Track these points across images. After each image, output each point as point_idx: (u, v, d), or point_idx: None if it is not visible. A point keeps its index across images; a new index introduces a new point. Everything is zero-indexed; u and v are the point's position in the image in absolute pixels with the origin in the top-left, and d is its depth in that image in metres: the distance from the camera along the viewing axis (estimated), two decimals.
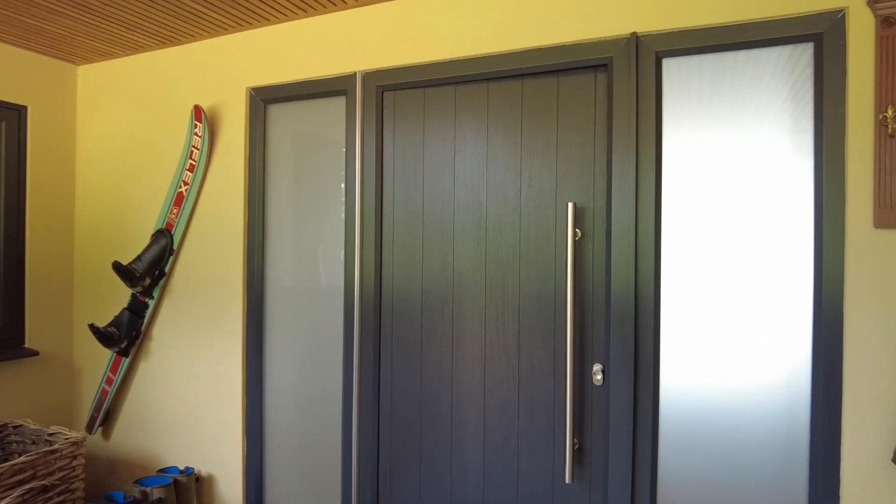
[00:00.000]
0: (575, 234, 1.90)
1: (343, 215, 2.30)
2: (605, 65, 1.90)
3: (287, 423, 2.43)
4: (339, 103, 2.31)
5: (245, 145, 2.46)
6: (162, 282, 2.59)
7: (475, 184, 2.09)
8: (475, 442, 2.10)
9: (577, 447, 1.95)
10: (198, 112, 2.45)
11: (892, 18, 1.53)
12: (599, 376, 1.90)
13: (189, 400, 2.60)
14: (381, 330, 2.25)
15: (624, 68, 1.83)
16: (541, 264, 2.00)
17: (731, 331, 1.75)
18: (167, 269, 2.57)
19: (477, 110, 2.09)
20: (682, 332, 1.81)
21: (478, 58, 2.04)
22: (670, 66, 1.81)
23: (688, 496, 1.80)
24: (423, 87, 2.17)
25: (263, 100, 2.44)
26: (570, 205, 1.88)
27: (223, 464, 2.52)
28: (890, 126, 1.52)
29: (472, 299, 2.10)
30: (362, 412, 2.24)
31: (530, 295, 2.02)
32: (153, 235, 2.57)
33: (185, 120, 2.57)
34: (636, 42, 1.81)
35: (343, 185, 2.30)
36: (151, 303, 2.61)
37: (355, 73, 2.23)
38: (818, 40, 1.63)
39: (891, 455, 1.55)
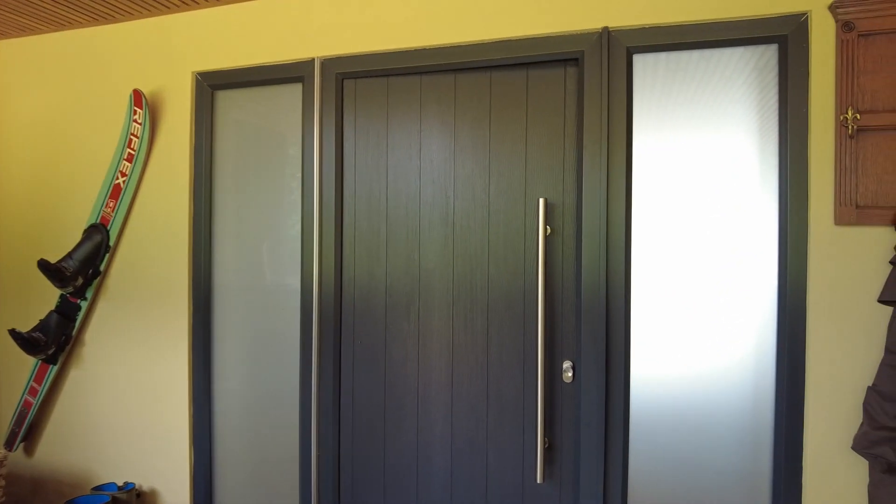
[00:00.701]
0: (545, 231, 1.87)
1: (300, 210, 2.17)
2: (576, 59, 1.88)
3: (239, 431, 2.29)
4: (296, 91, 2.17)
5: (190, 134, 2.28)
6: (96, 282, 2.36)
7: (442, 178, 2.03)
8: (442, 444, 2.04)
9: (547, 446, 1.93)
10: (137, 97, 2.25)
11: (851, 24, 1.58)
12: (570, 373, 1.88)
13: (128, 409, 2.39)
14: (341, 330, 2.14)
15: (595, 63, 1.82)
16: (510, 261, 1.96)
17: (698, 325, 1.78)
18: (102, 267, 2.35)
19: (444, 102, 2.03)
20: (651, 328, 1.82)
21: (445, 47, 1.97)
22: (641, 63, 1.81)
23: (658, 488, 1.82)
24: (387, 75, 2.08)
25: (211, 86, 2.27)
26: (542, 200, 1.85)
27: (168, 476, 2.34)
28: (850, 127, 1.57)
29: (439, 297, 2.04)
30: (322, 417, 2.13)
31: (499, 292, 1.97)
32: (86, 231, 2.34)
33: (123, 106, 2.35)
34: (608, 37, 1.80)
35: (299, 179, 2.18)
36: (84, 305, 2.38)
37: (313, 60, 2.11)
38: (783, 42, 1.67)
39: (850, 443, 1.61)
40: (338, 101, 2.11)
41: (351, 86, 2.12)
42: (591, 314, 1.83)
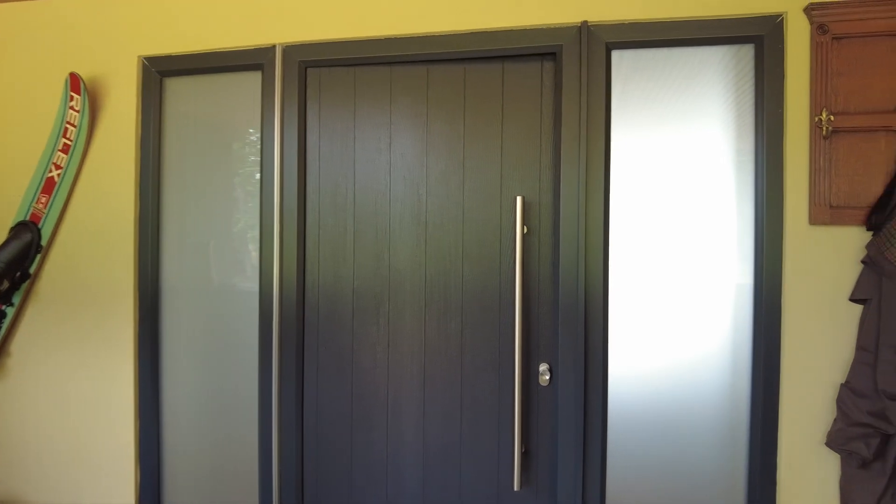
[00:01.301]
0: (523, 230, 1.81)
1: (258, 207, 2.02)
2: (553, 53, 1.83)
3: (191, 447, 2.11)
4: (255, 80, 2.02)
5: (136, 124, 2.08)
6: (25, 285, 2.12)
7: (414, 174, 1.93)
8: (413, 453, 1.94)
9: (523, 452, 1.87)
10: (75, 82, 2.03)
11: (825, 26, 1.60)
12: (547, 376, 1.83)
13: (64, 426, 2.16)
14: (304, 336, 2.01)
15: (573, 58, 1.77)
16: (485, 261, 1.89)
17: (674, 323, 1.76)
18: (32, 269, 2.12)
19: (415, 94, 1.93)
20: (626, 327, 1.79)
21: (416, 37, 1.88)
22: (619, 59, 1.78)
23: (636, 490, 1.79)
24: (354, 65, 1.96)
25: (160, 72, 2.08)
26: (519, 199, 1.79)
27: (111, 499, 2.13)
28: (824, 128, 1.59)
29: (410, 299, 1.94)
30: (283, 430, 1.99)
31: (474, 293, 1.90)
32: (13, 229, 2.10)
33: (58, 91, 2.12)
34: (587, 31, 1.76)
35: (258, 173, 2.03)
36: (10, 311, 2.13)
37: (274, 46, 1.97)
38: (759, 42, 1.67)
39: (824, 439, 1.63)
40: (301, 91, 1.97)
41: (315, 75, 1.99)
42: (568, 315, 1.78)
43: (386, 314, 1.96)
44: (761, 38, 1.67)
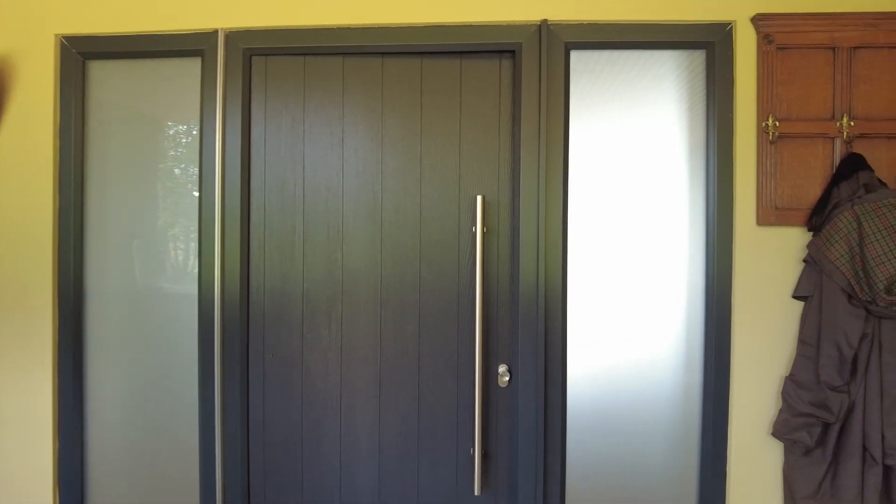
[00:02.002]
0: (483, 229, 1.78)
1: (197, 204, 1.87)
2: (512, 51, 1.80)
3: (121, 468, 1.92)
4: (194, 67, 1.87)
5: (55, 111, 1.86)
6: None
7: (369, 171, 1.85)
8: (368, 461, 1.87)
9: (482, 455, 1.84)
10: None
11: (771, 36, 1.68)
12: (507, 378, 1.81)
13: None
14: (249, 343, 1.88)
15: (533, 57, 1.76)
16: (444, 261, 1.84)
17: (629, 322, 1.79)
18: None
19: (370, 87, 1.85)
20: (582, 326, 1.81)
21: (371, 28, 1.80)
22: (577, 59, 1.79)
23: (595, 487, 1.81)
24: (304, 54, 1.86)
25: (82, 54, 1.88)
26: (479, 198, 1.75)
27: None
28: (771, 133, 1.67)
29: (365, 302, 1.86)
30: (228, 444, 1.85)
31: (432, 294, 1.85)
32: None
33: None
34: (547, 30, 1.75)
35: (197, 168, 1.88)
36: None
37: (216, 31, 1.82)
38: (711, 49, 1.73)
39: (769, 429, 1.71)
40: (245, 80, 1.84)
41: (261, 64, 1.87)
42: (528, 315, 1.77)
43: (338, 317, 1.87)
44: (713, 44, 1.72)
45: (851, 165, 1.60)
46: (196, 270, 1.88)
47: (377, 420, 1.86)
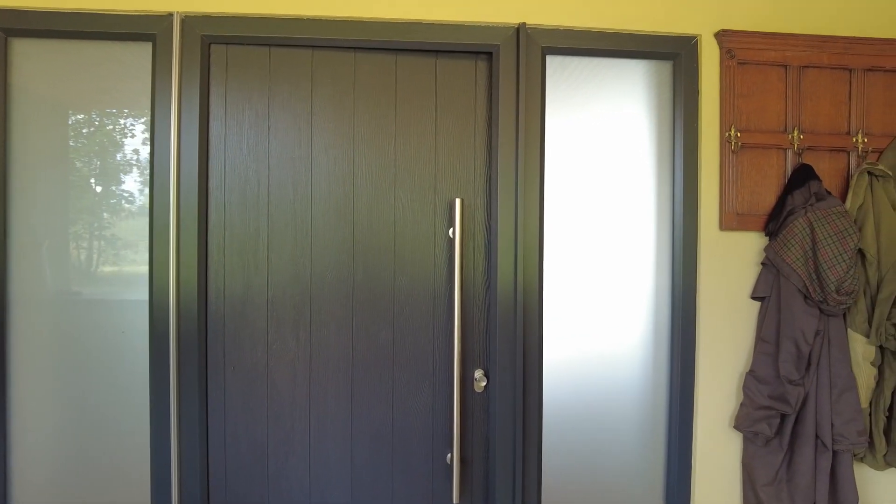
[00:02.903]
0: (462, 233, 1.75)
1: (147, 204, 1.69)
2: (488, 53, 1.78)
3: (54, 501, 1.70)
4: (143, 52, 1.68)
5: None
6: None
7: (341, 171, 1.76)
8: (340, 477, 1.77)
9: (451, 462, 1.80)
10: None
11: (733, 51, 1.78)
12: (483, 383, 1.79)
13: None
14: (208, 356, 1.73)
15: (510, 60, 1.75)
16: (419, 265, 1.79)
17: (600, 322, 1.83)
18: None
19: (341, 83, 1.76)
20: (555, 327, 1.83)
21: (343, 21, 1.71)
22: (552, 64, 1.80)
23: (568, 486, 1.84)
24: (270, 45, 1.73)
25: (4, 29, 1.63)
26: (458, 201, 1.72)
27: None
28: (734, 143, 1.77)
29: (336, 309, 1.76)
30: (185, 470, 1.69)
31: (407, 300, 1.79)
32: None
33: None
34: (525, 34, 1.74)
35: (148, 163, 1.70)
36: None
37: (171, 15, 1.65)
38: (678, 60, 1.80)
39: (730, 421, 1.81)
40: (204, 70, 1.69)
41: (221, 53, 1.72)
42: (506, 319, 1.76)
43: (307, 326, 1.76)
44: (680, 56, 1.80)
45: (803, 175, 1.73)
46: (143, 275, 1.70)
47: (349, 433, 1.77)
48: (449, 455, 1.81)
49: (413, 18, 1.73)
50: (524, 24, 1.74)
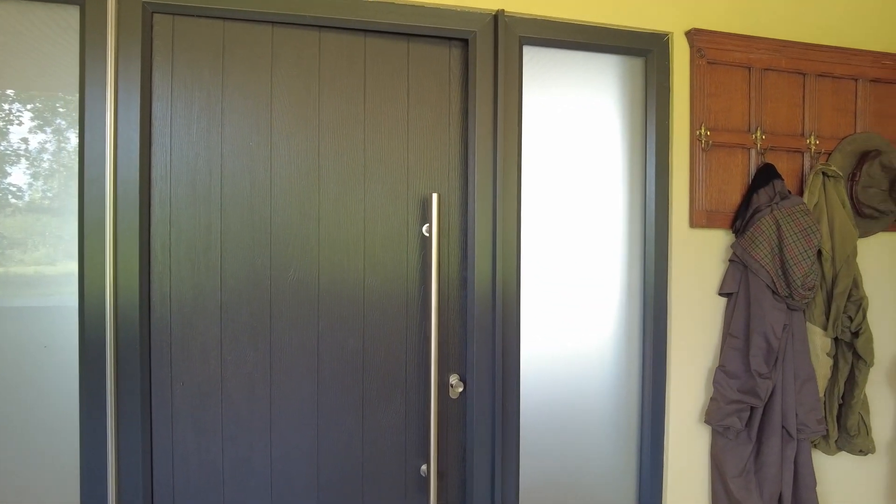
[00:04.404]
0: (429, 231, 1.64)
1: (76, 196, 1.45)
2: (463, 40, 1.69)
3: None
4: (69, 17, 1.44)
5: None
6: None
7: (305, 161, 1.60)
8: (306, 496, 1.61)
9: (426, 476, 1.70)
10: None
11: (703, 50, 1.79)
12: (460, 388, 1.70)
13: None
14: (151, 371, 1.51)
15: (488, 48, 1.66)
16: (390, 264, 1.66)
17: (574, 319, 1.79)
18: None
19: (305, 64, 1.60)
20: (530, 325, 1.77)
21: None
22: (527, 55, 1.74)
23: (545, 487, 1.78)
24: (223, 18, 1.54)
25: None
26: (435, 196, 1.61)
27: None
28: (704, 142, 1.79)
29: (299, 314, 1.60)
30: (124, 493, 1.46)
31: (377, 303, 1.66)
32: None
33: None
34: (504, 22, 1.66)
35: (76, 149, 1.45)
36: None
37: None
38: (650, 57, 1.80)
39: (699, 416, 1.84)
40: (146, 42, 1.46)
41: (166, 24, 1.50)
42: (483, 321, 1.67)
43: (266, 334, 1.58)
44: (652, 52, 1.79)
45: (767, 174, 1.79)
46: (68, 278, 1.45)
47: (315, 449, 1.62)
48: (423, 467, 1.70)
49: None
50: (503, 10, 1.66)
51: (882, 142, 1.94)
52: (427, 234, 1.66)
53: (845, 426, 1.86)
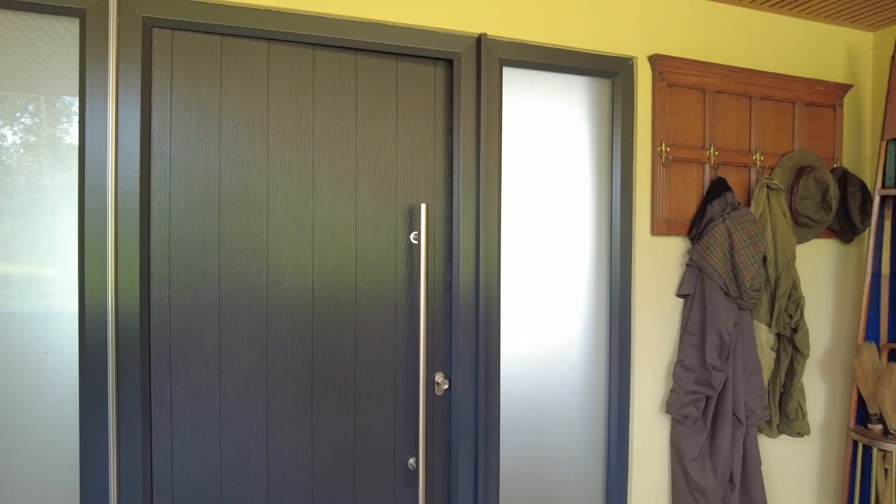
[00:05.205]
0: (416, 238, 1.75)
1: (76, 203, 1.48)
2: (448, 60, 1.81)
3: None
4: (69, 30, 1.46)
5: None
6: None
7: (300, 171, 1.67)
8: (301, 493, 1.69)
9: (414, 469, 1.80)
10: None
11: (663, 74, 1.97)
12: (445, 386, 1.81)
13: None
14: (151, 376, 1.55)
15: (470, 69, 1.78)
16: (380, 271, 1.76)
17: (545, 319, 1.94)
18: None
19: (299, 79, 1.67)
20: (506, 327, 1.91)
21: (303, 14, 1.63)
22: (508, 76, 1.87)
23: (523, 481, 1.92)
24: (222, 34, 1.59)
25: None
26: (424, 206, 1.72)
27: None
28: (664, 157, 1.97)
29: (294, 318, 1.67)
30: (125, 496, 1.50)
31: (368, 308, 1.75)
32: None
33: None
34: (486, 44, 1.79)
35: (77, 157, 1.48)
36: None
37: None
38: (617, 79, 1.96)
39: (660, 406, 2.02)
40: (146, 55, 1.51)
41: (165, 38, 1.55)
42: (467, 323, 1.79)
43: (263, 338, 1.65)
44: (618, 75, 1.96)
45: (720, 187, 1.98)
46: (68, 285, 1.48)
47: (310, 447, 1.70)
48: (411, 460, 1.80)
49: (374, 19, 1.69)
50: (485, 34, 1.78)
51: (815, 158, 2.18)
52: (415, 242, 1.77)
53: (785, 411, 2.08)
